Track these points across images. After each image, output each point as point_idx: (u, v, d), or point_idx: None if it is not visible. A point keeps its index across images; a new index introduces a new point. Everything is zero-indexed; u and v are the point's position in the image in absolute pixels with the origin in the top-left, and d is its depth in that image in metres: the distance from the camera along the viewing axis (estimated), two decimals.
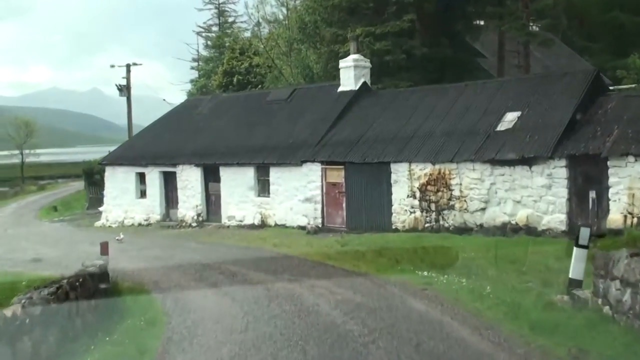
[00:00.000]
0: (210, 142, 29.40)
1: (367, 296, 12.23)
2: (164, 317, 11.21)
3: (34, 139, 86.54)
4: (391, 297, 12.22)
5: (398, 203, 22.47)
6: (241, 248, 21.11)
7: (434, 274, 14.17)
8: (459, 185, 21.15)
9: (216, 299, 12.85)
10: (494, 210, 20.51)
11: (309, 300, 12.07)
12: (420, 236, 20.69)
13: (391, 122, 24.70)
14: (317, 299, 12.04)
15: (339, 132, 25.50)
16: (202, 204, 28.58)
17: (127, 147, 33.79)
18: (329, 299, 12.03)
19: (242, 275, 15.39)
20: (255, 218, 26.30)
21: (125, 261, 19.54)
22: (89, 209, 39.18)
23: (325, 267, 16.26)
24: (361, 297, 12.11)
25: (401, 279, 13.69)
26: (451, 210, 21.29)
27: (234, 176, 27.20)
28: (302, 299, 12.13)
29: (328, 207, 24.42)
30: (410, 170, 22.17)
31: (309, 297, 12.29)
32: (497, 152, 20.65)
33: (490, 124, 21.99)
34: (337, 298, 12.07)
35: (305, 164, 24.87)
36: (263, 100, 30.53)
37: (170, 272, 16.78)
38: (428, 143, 22.58)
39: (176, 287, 14.27)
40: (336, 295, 12.35)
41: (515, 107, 22.22)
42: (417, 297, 11.93)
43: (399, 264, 16.28)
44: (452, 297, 11.75)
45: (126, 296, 12.33)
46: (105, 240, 14.76)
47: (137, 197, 31.06)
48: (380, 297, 12.23)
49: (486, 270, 14.52)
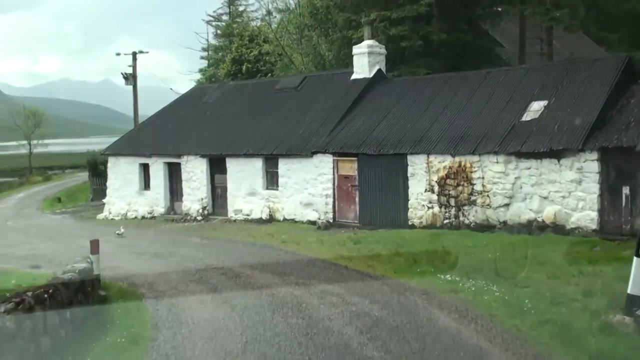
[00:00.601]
0: (216, 132, 28.17)
1: (386, 308, 10.76)
2: (151, 331, 9.79)
3: (42, 129, 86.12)
4: (414, 309, 10.74)
5: (415, 197, 21.11)
6: (247, 245, 19.80)
7: (458, 278, 12.80)
8: (481, 179, 19.76)
9: (214, 307, 11.43)
10: (519, 207, 19.13)
11: (319, 311, 10.64)
12: (439, 233, 19.37)
13: (407, 112, 23.36)
14: (328, 310, 10.61)
15: (352, 121, 24.19)
16: (208, 197, 27.35)
17: (130, 137, 32.55)
18: (343, 311, 10.58)
19: (245, 277, 14.02)
20: (263, 212, 25.04)
21: (121, 259, 18.40)
22: (92, 201, 38.10)
23: (336, 269, 14.88)
24: (379, 310, 10.66)
25: (422, 283, 12.29)
26: (472, 205, 19.90)
27: (241, 168, 25.98)
28: (310, 310, 10.72)
29: (340, 201, 23.10)
30: (429, 163, 20.78)
31: (318, 307, 10.88)
32: (522, 143, 19.28)
33: (514, 113, 20.68)
34: (351, 310, 10.61)
35: (316, 156, 23.58)
36: (272, 88, 29.27)
37: (168, 272, 15.50)
38: (447, 134, 21.20)
39: (172, 291, 12.93)
40: (350, 305, 10.92)
41: (541, 95, 20.90)
42: (444, 310, 10.46)
43: (417, 265, 14.97)
44: (485, 311, 10.24)
45: (113, 304, 10.94)
46: (96, 238, 13.47)
47: (141, 189, 29.88)
48: (402, 309, 10.75)
49: (515, 273, 13.16)
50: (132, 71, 43.92)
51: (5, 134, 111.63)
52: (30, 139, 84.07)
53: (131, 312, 10.81)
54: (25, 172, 70.45)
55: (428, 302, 10.87)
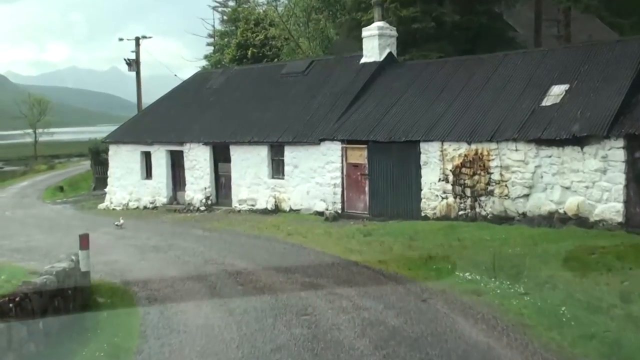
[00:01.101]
0: (220, 118, 27.12)
1: (403, 315, 9.60)
2: (137, 341, 8.69)
3: (48, 117, 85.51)
4: (435, 316, 9.59)
5: (428, 187, 20.01)
6: (251, 237, 18.77)
7: (479, 277, 11.71)
8: (498, 168, 18.63)
9: (210, 310, 10.33)
10: (539, 197, 18.00)
11: (327, 318, 9.52)
12: (454, 226, 18.27)
13: (420, 97, 22.23)
14: (337, 317, 9.48)
15: (361, 107, 23.06)
16: (211, 186, 26.34)
17: (132, 125, 31.51)
18: (353, 318, 9.44)
19: (246, 274, 12.96)
20: (269, 202, 24.00)
21: (117, 252, 17.45)
22: (95, 190, 37.18)
23: (346, 265, 13.80)
24: (396, 317, 9.51)
25: (440, 283, 11.20)
26: (489, 196, 18.78)
27: (245, 156, 24.94)
28: (317, 317, 9.60)
29: (349, 191, 22.03)
30: (443, 151, 19.66)
31: (326, 313, 9.76)
32: (543, 130, 18.12)
33: (534, 98, 19.53)
34: (363, 317, 9.47)
35: (324, 143, 22.49)
36: (278, 73, 28.16)
37: (165, 268, 14.48)
38: (463, 120, 20.06)
39: (167, 290, 11.90)
40: (362, 311, 9.79)
41: (562, 79, 19.68)
42: (469, 319, 9.29)
43: (432, 261, 13.90)
44: (516, 319, 9.07)
45: (97, 311, 9.85)
46: (86, 232, 12.46)
47: (143, 178, 28.89)
48: (421, 316, 9.60)
49: (540, 271, 12.07)
50: (135, 57, 42.87)
51: (11, 123, 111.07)
52: (36, 127, 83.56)
53: (118, 317, 9.75)
54: (30, 161, 69.69)
55: (449, 307, 9.72)
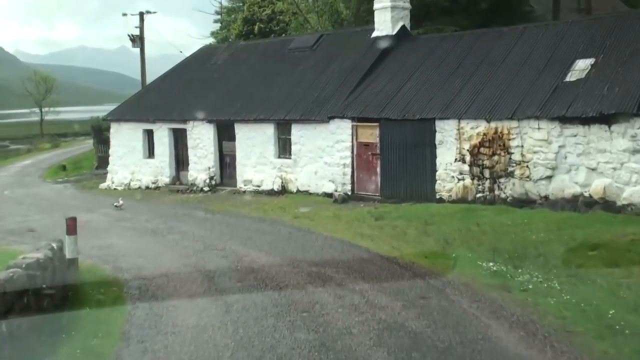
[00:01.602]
0: (225, 95, 26.01)
1: (425, 316, 8.36)
2: (117, 344, 7.52)
3: (54, 95, 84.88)
4: (462, 319, 8.28)
5: (444, 168, 18.86)
6: (255, 220, 17.71)
7: (504, 267, 10.60)
8: (519, 148, 17.45)
9: (205, 306, 9.23)
10: (563, 179, 16.83)
11: (337, 319, 8.35)
12: (471, 209, 17.15)
13: (435, 72, 21.02)
14: (348, 318, 8.33)
15: (373, 83, 21.88)
16: (216, 166, 25.30)
17: (134, 102, 30.43)
18: (368, 320, 8.23)
19: (248, 262, 11.89)
20: (275, 183, 22.94)
21: (113, 235, 16.48)
22: (97, 169, 36.24)
23: (356, 252, 12.71)
24: (417, 318, 8.30)
25: (462, 274, 10.08)
26: (509, 177, 17.62)
27: (250, 134, 23.86)
28: (325, 317, 8.44)
29: (359, 172, 20.91)
30: (460, 129, 18.48)
31: (336, 312, 8.60)
32: (567, 107, 16.91)
33: (557, 73, 18.32)
34: (379, 318, 8.26)
35: (333, 121, 21.35)
36: (285, 48, 26.97)
37: (162, 254, 13.46)
38: (481, 96, 18.86)
39: (160, 279, 10.84)
40: (377, 310, 8.61)
41: (587, 53, 18.45)
42: (502, 322, 8.04)
43: (450, 248, 12.84)
44: (558, 324, 7.80)
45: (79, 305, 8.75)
46: (73, 216, 11.40)
47: (145, 157, 27.86)
48: (446, 318, 8.32)
49: (569, 261, 10.93)
50: (139, 33, 41.66)
51: (19, 101, 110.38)
52: (42, 106, 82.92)
53: (102, 313, 8.63)
54: (35, 140, 68.93)
55: (477, 306, 8.52)
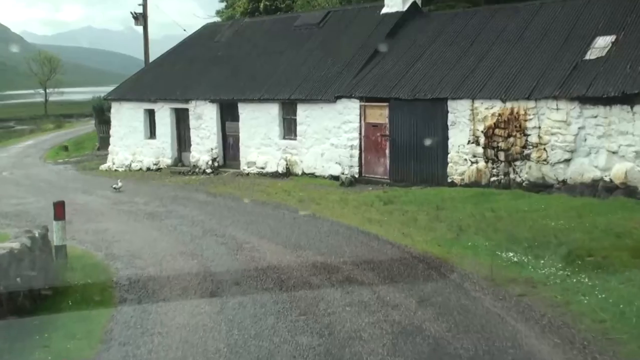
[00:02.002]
0: (228, 74, 25.11)
1: (444, 317, 7.46)
2: (94, 348, 6.63)
3: (59, 76, 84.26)
4: (487, 320, 7.40)
5: (456, 150, 17.99)
6: (258, 204, 16.91)
7: (525, 258, 9.79)
8: (536, 130, 16.57)
9: (198, 302, 8.37)
10: (582, 163, 15.97)
11: (344, 321, 7.43)
12: (485, 193, 16.33)
13: (448, 50, 20.10)
14: (358, 319, 7.41)
15: (382, 62, 20.97)
16: (218, 147, 24.46)
17: (135, 80, 29.54)
18: (380, 322, 7.31)
19: (249, 250, 11.08)
20: (280, 165, 22.12)
21: (110, 219, 15.70)
22: (99, 150, 35.44)
23: (365, 240, 11.89)
24: (436, 320, 7.40)
25: (480, 266, 9.26)
26: (525, 161, 16.75)
27: (255, 114, 23.00)
28: (331, 317, 7.54)
29: (367, 154, 20.05)
30: (474, 109, 17.59)
31: (343, 311, 7.71)
32: (588, 86, 16.02)
33: (576, 51, 17.45)
34: (393, 319, 7.36)
35: (340, 101, 20.46)
36: (291, 25, 26.03)
37: (158, 239, 12.66)
38: (496, 75, 17.96)
39: (152, 269, 10.07)
40: (390, 309, 7.74)
41: (607, 29, 17.59)
42: (532, 324, 7.15)
43: (465, 235, 12.03)
44: (597, 329, 6.90)
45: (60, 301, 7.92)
46: (61, 201, 10.61)
47: (146, 138, 27.04)
48: (469, 319, 7.41)
49: (593, 250, 10.12)
50: (143, 11, 40.56)
51: (25, 82, 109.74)
52: (46, 86, 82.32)
53: (85, 310, 7.78)
54: (39, 120, 68.24)
55: (501, 305, 7.68)
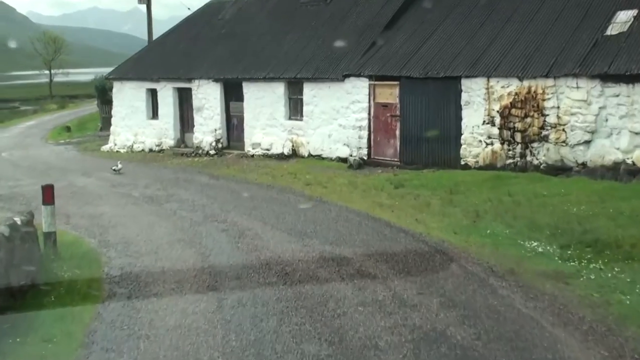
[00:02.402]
0: (232, 52, 24.30)
1: (471, 320, 6.53)
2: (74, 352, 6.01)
3: (63, 56, 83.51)
4: (520, 325, 6.42)
5: (470, 131, 17.18)
6: (262, 187, 16.18)
7: (549, 248, 9.04)
8: (555, 109, 15.74)
9: (192, 299, 7.57)
10: (603, 145, 15.14)
11: (357, 325, 6.47)
12: (501, 176, 15.57)
13: (461, 26, 19.21)
14: (372, 324, 6.45)
15: (392, 39, 20.10)
16: (222, 128, 23.72)
17: (137, 59, 28.74)
18: (397, 326, 6.36)
19: (251, 237, 10.36)
20: (285, 146, 21.36)
21: (107, 203, 15.01)
22: (102, 131, 34.73)
23: (376, 226, 11.14)
24: (461, 323, 6.47)
25: (503, 257, 8.50)
26: (543, 142, 15.94)
27: (259, 94, 22.22)
28: (343, 322, 6.57)
29: (377, 135, 19.26)
30: (489, 88, 16.75)
31: (355, 313, 6.77)
32: (609, 63, 15.16)
33: (596, 26, 16.59)
34: (413, 322, 6.41)
35: (349, 79, 19.63)
36: (297, 1, 25.18)
37: (156, 225, 11.96)
38: (512, 52, 17.10)
39: (147, 258, 9.36)
40: (408, 309, 6.86)
41: (629, 3, 16.69)
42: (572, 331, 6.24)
43: (483, 222, 11.30)
44: None
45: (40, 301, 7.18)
46: (49, 184, 9.91)
47: (148, 118, 26.31)
48: (499, 323, 6.46)
49: (621, 240, 9.36)
50: None
51: (31, 62, 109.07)
52: (51, 66, 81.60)
53: (69, 305, 7.05)
54: (43, 101, 67.60)
55: (534, 306, 6.79)
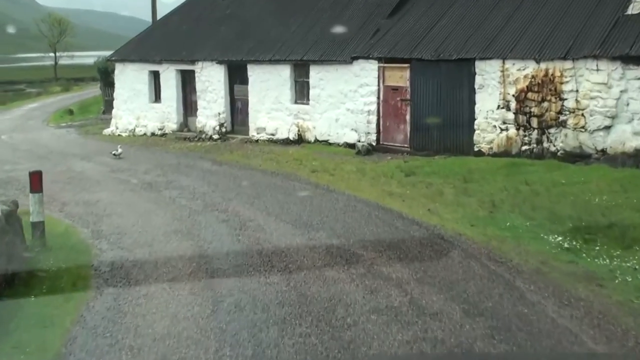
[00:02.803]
0: (237, 34, 23.52)
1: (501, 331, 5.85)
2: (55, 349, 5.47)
3: (68, 38, 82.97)
4: (557, 339, 5.75)
5: (484, 116, 16.45)
6: (266, 174, 15.53)
7: (576, 243, 8.34)
8: (574, 93, 15.00)
9: (186, 299, 6.96)
10: (624, 130, 14.44)
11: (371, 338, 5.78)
12: (517, 164, 14.88)
13: (475, 6, 18.42)
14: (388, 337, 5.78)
15: (403, 19, 19.33)
16: (226, 112, 23.01)
17: (140, 41, 27.98)
18: (417, 339, 5.70)
19: (252, 229, 9.71)
20: (291, 131, 20.68)
21: (104, 189, 14.41)
22: (104, 114, 34.05)
23: (387, 218, 10.47)
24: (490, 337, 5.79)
25: (528, 255, 7.82)
26: (561, 128, 15.21)
27: (265, 77, 21.50)
28: (354, 334, 5.88)
29: (386, 120, 18.54)
30: (504, 71, 15.99)
31: (367, 322, 6.03)
32: (631, 44, 14.44)
33: (616, 5, 15.95)
34: (435, 336, 5.72)
35: (357, 62, 18.89)
36: None
37: (153, 214, 11.34)
38: (529, 32, 16.33)
39: (141, 250, 8.75)
40: (429, 320, 6.12)
41: None
42: (616, 347, 5.60)
43: (500, 213, 10.63)
44: None
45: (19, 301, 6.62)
46: (38, 170, 9.28)
47: (151, 102, 25.62)
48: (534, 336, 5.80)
49: None
50: None
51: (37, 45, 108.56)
52: (56, 49, 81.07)
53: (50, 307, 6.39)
54: (47, 83, 67.03)
55: (570, 314, 6.01)
